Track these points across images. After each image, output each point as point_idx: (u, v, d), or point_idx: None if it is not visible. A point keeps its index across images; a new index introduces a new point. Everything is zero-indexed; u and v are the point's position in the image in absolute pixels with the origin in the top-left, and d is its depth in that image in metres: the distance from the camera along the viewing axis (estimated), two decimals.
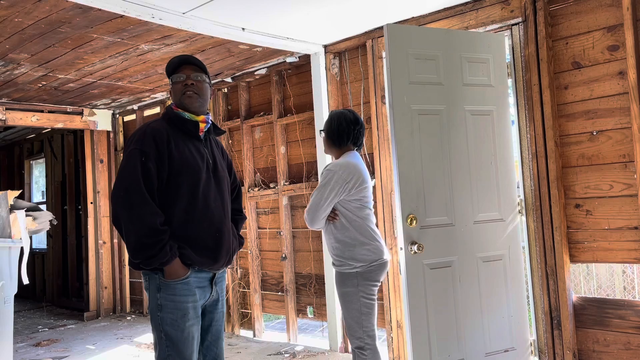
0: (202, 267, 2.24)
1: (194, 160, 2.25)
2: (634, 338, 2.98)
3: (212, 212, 2.27)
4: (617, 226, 3.03)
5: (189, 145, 2.27)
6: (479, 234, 3.15)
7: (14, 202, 3.67)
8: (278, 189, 4.80)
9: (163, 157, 2.17)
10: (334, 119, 2.94)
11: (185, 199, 2.20)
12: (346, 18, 3.76)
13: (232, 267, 5.22)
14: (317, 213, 2.76)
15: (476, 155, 3.19)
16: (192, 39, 3.99)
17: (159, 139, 2.18)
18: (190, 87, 2.28)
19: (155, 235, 2.08)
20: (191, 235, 2.20)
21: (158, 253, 2.09)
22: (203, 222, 2.23)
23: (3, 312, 3.34)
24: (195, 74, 2.30)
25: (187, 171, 2.21)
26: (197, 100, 2.29)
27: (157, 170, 2.16)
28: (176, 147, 2.21)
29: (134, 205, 2.10)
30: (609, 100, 3.04)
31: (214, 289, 2.32)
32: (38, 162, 8.55)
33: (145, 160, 2.14)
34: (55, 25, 3.55)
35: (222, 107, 5.34)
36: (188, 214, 2.20)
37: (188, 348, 2.17)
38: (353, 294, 2.76)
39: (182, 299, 2.17)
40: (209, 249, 2.24)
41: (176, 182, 2.19)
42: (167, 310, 2.16)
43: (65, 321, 6.40)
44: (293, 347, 4.53)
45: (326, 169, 2.80)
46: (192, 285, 2.20)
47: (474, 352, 3.08)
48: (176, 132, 2.26)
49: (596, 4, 3.07)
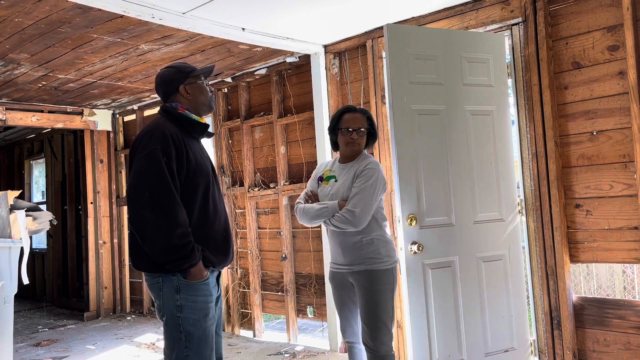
0: (217, 266, 2.30)
1: (204, 162, 2.31)
2: (634, 338, 2.98)
3: (221, 213, 2.33)
4: (617, 226, 3.03)
5: (196, 147, 2.32)
6: (479, 234, 3.15)
7: (14, 202, 3.67)
8: (278, 189, 4.80)
9: (182, 159, 2.18)
10: (373, 118, 2.93)
11: (201, 201, 2.24)
12: (346, 18, 3.76)
13: (231, 267, 5.22)
14: (369, 212, 2.66)
15: (476, 155, 3.19)
16: (192, 39, 3.99)
17: (177, 140, 2.19)
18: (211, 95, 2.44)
19: (187, 236, 2.10)
20: (207, 236, 2.25)
21: (190, 254, 2.10)
22: (215, 223, 2.28)
23: (3, 312, 3.34)
24: None
25: (201, 173, 2.25)
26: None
27: (179, 171, 2.17)
28: (191, 149, 2.24)
29: (165, 206, 2.07)
30: (609, 100, 3.04)
31: (219, 287, 2.39)
32: (38, 162, 8.55)
33: (168, 161, 2.13)
34: (55, 25, 3.55)
35: (222, 107, 5.34)
36: (203, 215, 2.24)
37: (208, 347, 2.20)
38: (389, 291, 2.68)
39: (204, 299, 2.20)
40: (221, 249, 2.31)
41: (193, 183, 2.21)
42: (189, 310, 2.16)
43: (65, 321, 6.40)
44: (293, 347, 4.53)
45: (368, 167, 2.72)
46: (211, 286, 2.25)
47: (474, 352, 3.08)
48: (185, 133, 2.28)
49: (596, 4, 3.07)
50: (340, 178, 2.80)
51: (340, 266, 2.79)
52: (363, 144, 2.83)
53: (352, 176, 2.73)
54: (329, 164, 2.96)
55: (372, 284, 2.67)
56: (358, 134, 2.78)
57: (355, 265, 2.71)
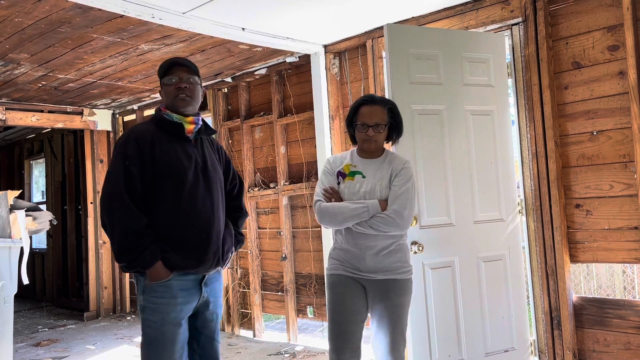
0: (186, 270, 2.21)
1: (179, 161, 2.23)
2: (634, 338, 2.98)
3: (198, 214, 2.24)
4: (617, 226, 3.03)
5: (176, 147, 2.26)
6: (479, 234, 3.15)
7: (14, 202, 3.67)
8: (278, 189, 4.80)
9: (146, 160, 2.18)
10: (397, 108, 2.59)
11: (169, 201, 2.20)
12: (346, 18, 3.76)
13: (231, 267, 5.22)
14: (413, 215, 2.49)
15: (476, 155, 3.19)
16: (192, 39, 3.99)
17: (142, 142, 2.19)
18: (183, 90, 2.26)
19: (135, 239, 2.11)
20: (175, 237, 2.20)
21: (138, 256, 2.12)
22: (187, 224, 2.22)
23: (3, 312, 3.33)
24: (188, 76, 2.29)
25: (170, 173, 2.21)
26: (190, 104, 2.28)
27: (140, 173, 2.17)
28: (160, 150, 2.21)
29: (115, 210, 2.14)
30: (609, 100, 3.04)
31: (203, 291, 2.28)
32: (38, 162, 8.54)
33: (129, 164, 2.16)
34: (55, 25, 3.55)
35: (222, 107, 5.34)
36: (172, 216, 2.20)
37: (166, 351, 2.16)
38: (409, 303, 2.49)
39: (162, 301, 2.17)
40: (193, 252, 2.22)
41: (160, 184, 2.20)
42: (149, 312, 2.19)
43: (65, 321, 6.40)
44: (293, 347, 4.53)
45: (406, 167, 2.51)
46: (174, 289, 2.19)
47: (474, 352, 3.08)
48: (163, 134, 2.26)
49: (596, 4, 3.07)
50: (369, 174, 2.50)
51: (358, 273, 2.46)
52: (381, 141, 2.53)
53: (387, 174, 2.47)
54: (347, 158, 2.60)
55: (399, 296, 2.44)
56: (375, 130, 2.46)
57: (378, 273, 2.43)
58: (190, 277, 2.24)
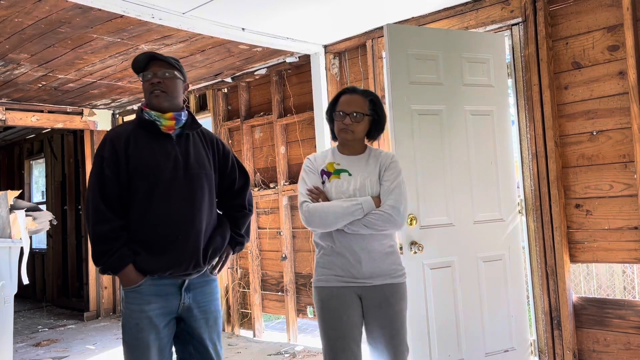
0: (158, 273, 2.12)
1: (153, 160, 2.15)
2: (634, 338, 2.98)
3: (171, 214, 2.13)
4: (617, 226, 3.03)
5: (153, 145, 2.18)
6: (479, 234, 3.15)
7: (14, 202, 3.67)
8: (278, 189, 4.80)
9: (121, 161, 2.14)
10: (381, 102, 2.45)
11: (142, 202, 2.13)
12: (346, 18, 3.76)
13: (231, 267, 5.22)
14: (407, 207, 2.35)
15: (476, 155, 3.19)
16: (192, 39, 3.99)
17: (117, 143, 2.15)
18: (157, 86, 2.18)
19: (104, 243, 2.09)
20: (146, 239, 2.13)
21: (107, 260, 2.09)
22: (158, 225, 2.12)
23: (3, 312, 3.33)
24: (163, 70, 2.18)
25: (143, 173, 2.14)
26: (165, 100, 2.18)
27: (116, 174, 2.13)
28: (135, 149, 2.15)
29: (89, 214, 2.12)
30: (609, 100, 3.04)
31: (183, 296, 2.16)
32: (38, 162, 8.55)
33: (104, 166, 2.13)
34: (55, 25, 3.55)
35: (222, 107, 5.34)
36: (144, 217, 2.13)
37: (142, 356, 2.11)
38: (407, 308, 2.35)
39: (134, 307, 2.12)
40: (163, 254, 2.11)
41: (135, 185, 2.14)
42: (125, 318, 2.15)
43: (65, 321, 6.40)
44: (293, 347, 4.53)
45: (394, 160, 2.36)
46: (145, 294, 2.11)
47: (474, 352, 3.08)
48: (142, 132, 2.20)
49: (596, 4, 3.07)
50: (355, 172, 2.32)
51: (353, 280, 2.26)
52: (359, 132, 2.34)
53: (375, 169, 2.32)
54: (328, 156, 2.42)
55: (399, 301, 2.28)
56: (352, 118, 2.30)
57: (375, 278, 2.25)
58: (166, 281, 2.14)
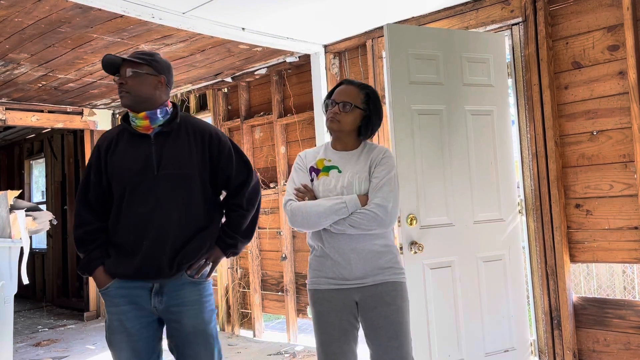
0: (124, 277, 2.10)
1: (125, 164, 2.12)
2: (634, 338, 2.98)
3: (141, 217, 2.08)
4: (617, 226, 3.03)
5: (129, 148, 2.14)
6: (479, 234, 3.15)
7: (14, 202, 3.67)
8: (278, 189, 4.80)
9: (102, 166, 2.17)
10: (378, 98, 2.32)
11: (117, 206, 2.13)
12: (346, 18, 3.76)
13: (231, 267, 5.22)
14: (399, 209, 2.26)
15: (476, 155, 3.19)
16: (192, 39, 3.99)
17: (101, 148, 2.20)
18: (121, 87, 2.12)
19: (80, 245, 2.17)
20: (120, 242, 2.13)
21: (81, 262, 2.18)
22: (127, 228, 2.10)
23: (3, 312, 3.33)
24: (128, 69, 2.10)
25: (115, 176, 2.14)
26: (129, 100, 2.11)
27: (99, 179, 2.17)
28: (113, 153, 2.16)
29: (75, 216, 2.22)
30: (609, 100, 3.04)
31: (154, 300, 2.09)
32: (38, 162, 8.55)
33: (91, 171, 2.20)
34: (55, 25, 3.55)
35: (222, 107, 5.34)
36: (118, 221, 2.13)
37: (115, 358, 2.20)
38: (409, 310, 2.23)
39: (108, 309, 2.17)
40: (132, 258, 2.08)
41: (113, 188, 2.17)
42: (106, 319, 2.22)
43: (65, 321, 6.40)
44: (293, 347, 4.53)
45: (387, 155, 2.23)
46: (114, 296, 2.12)
47: (474, 352, 3.08)
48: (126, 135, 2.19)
49: (596, 4, 3.07)
50: (345, 168, 2.22)
51: (345, 282, 2.17)
52: (347, 123, 2.22)
53: (366, 165, 2.20)
54: (320, 152, 2.33)
55: (397, 299, 2.16)
56: (341, 107, 2.20)
57: (369, 278, 2.15)
58: (136, 284, 2.09)
